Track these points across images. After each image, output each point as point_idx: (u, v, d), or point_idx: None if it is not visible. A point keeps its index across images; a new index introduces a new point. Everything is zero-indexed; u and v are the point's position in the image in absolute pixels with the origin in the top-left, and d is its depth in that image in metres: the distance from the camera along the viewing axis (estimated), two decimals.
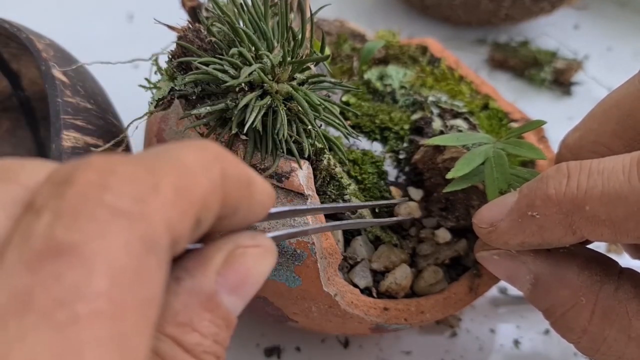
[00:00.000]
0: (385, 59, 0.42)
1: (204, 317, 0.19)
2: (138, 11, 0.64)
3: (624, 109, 0.30)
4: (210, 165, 0.18)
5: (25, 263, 0.14)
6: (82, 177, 0.16)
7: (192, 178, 0.18)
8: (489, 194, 0.31)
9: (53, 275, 0.14)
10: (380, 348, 0.41)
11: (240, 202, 0.20)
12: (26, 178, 0.17)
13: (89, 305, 0.14)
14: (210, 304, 0.20)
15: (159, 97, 0.31)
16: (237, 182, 0.20)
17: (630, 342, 0.27)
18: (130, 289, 0.15)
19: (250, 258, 0.21)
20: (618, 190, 0.24)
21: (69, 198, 0.15)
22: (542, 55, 0.59)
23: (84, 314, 0.14)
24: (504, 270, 0.31)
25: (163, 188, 0.17)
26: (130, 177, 0.16)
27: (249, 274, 0.21)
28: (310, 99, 0.30)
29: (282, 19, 0.31)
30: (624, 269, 0.29)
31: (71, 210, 0.15)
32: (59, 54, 0.36)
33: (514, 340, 0.41)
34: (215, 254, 0.20)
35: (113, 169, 0.16)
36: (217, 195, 0.19)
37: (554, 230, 0.26)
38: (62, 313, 0.14)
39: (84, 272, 0.14)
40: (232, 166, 0.20)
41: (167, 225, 0.16)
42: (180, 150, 0.18)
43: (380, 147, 0.37)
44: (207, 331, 0.19)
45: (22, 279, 0.14)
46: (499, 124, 0.39)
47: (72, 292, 0.14)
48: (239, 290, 0.21)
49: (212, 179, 0.18)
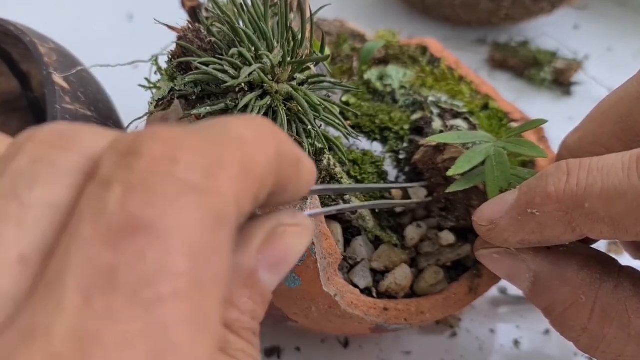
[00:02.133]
0: (385, 59, 0.42)
1: (244, 294, 0.20)
2: (138, 11, 0.64)
3: (623, 110, 0.30)
4: (268, 142, 0.18)
5: (103, 239, 0.14)
6: (150, 148, 0.15)
7: (253, 154, 0.18)
8: (489, 193, 0.31)
9: (136, 254, 0.14)
10: (380, 348, 0.41)
11: (290, 180, 0.20)
12: (85, 146, 0.17)
13: (171, 284, 0.14)
14: (250, 281, 0.20)
15: (158, 97, 0.31)
16: (289, 161, 0.20)
17: (630, 340, 0.27)
18: (206, 265, 0.15)
19: (291, 237, 0.21)
20: (617, 187, 0.24)
21: (139, 171, 0.15)
22: (542, 55, 0.59)
23: (168, 293, 0.14)
24: (504, 269, 0.31)
25: (229, 163, 0.16)
26: (199, 150, 0.16)
27: (288, 252, 0.21)
28: (310, 99, 0.30)
29: (282, 19, 0.31)
30: (624, 267, 0.29)
31: (143, 183, 0.15)
32: (62, 59, 0.36)
33: (514, 341, 0.41)
34: (258, 231, 0.21)
35: (181, 141, 0.16)
36: (273, 173, 0.19)
37: (554, 228, 0.26)
38: (149, 292, 0.14)
39: (164, 249, 0.14)
40: (286, 144, 0.19)
41: (235, 200, 0.16)
42: (238, 126, 0.18)
43: (380, 147, 0.37)
44: (245, 308, 0.20)
45: (104, 256, 0.14)
46: (499, 124, 0.39)
47: (156, 270, 0.14)
48: (277, 267, 0.21)
49: (269, 156, 0.18)
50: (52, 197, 0.16)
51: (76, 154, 0.17)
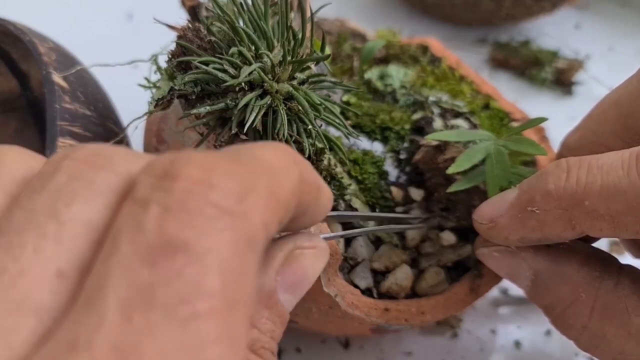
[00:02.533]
0: (386, 58, 0.42)
1: (263, 314, 0.20)
2: (138, 10, 0.63)
3: (623, 109, 0.30)
4: (291, 168, 0.19)
5: (142, 257, 0.15)
6: (187, 172, 0.16)
7: (280, 181, 0.18)
8: (489, 191, 0.31)
9: (173, 272, 0.15)
10: (380, 349, 0.40)
11: (310, 205, 0.21)
12: (121, 166, 0.17)
13: (207, 303, 0.15)
14: (269, 302, 0.21)
15: (158, 96, 0.31)
16: (309, 187, 0.20)
17: (630, 338, 0.27)
18: (237, 286, 0.16)
19: (308, 259, 0.22)
20: (617, 184, 0.24)
21: (176, 193, 0.16)
22: (543, 55, 0.59)
23: (204, 311, 0.14)
24: (504, 267, 0.31)
25: (259, 188, 0.17)
26: (232, 176, 0.16)
27: (306, 274, 0.22)
28: (311, 98, 0.30)
29: (282, 18, 0.30)
30: (624, 265, 0.29)
31: (180, 205, 0.15)
32: (61, 58, 0.35)
33: (514, 341, 0.41)
34: (277, 254, 0.22)
35: (215, 166, 0.16)
36: (295, 198, 0.19)
37: (554, 225, 0.26)
38: (185, 309, 0.14)
39: (200, 269, 0.15)
40: (307, 172, 0.20)
41: (264, 225, 0.17)
42: (263, 152, 0.19)
43: (381, 147, 0.37)
44: (265, 328, 0.20)
45: (142, 274, 0.14)
46: (499, 123, 0.39)
47: (192, 289, 0.14)
48: (296, 288, 0.22)
49: (294, 183, 0.19)
50: (89, 214, 0.17)
51: (113, 173, 0.17)
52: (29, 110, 0.46)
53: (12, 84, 0.44)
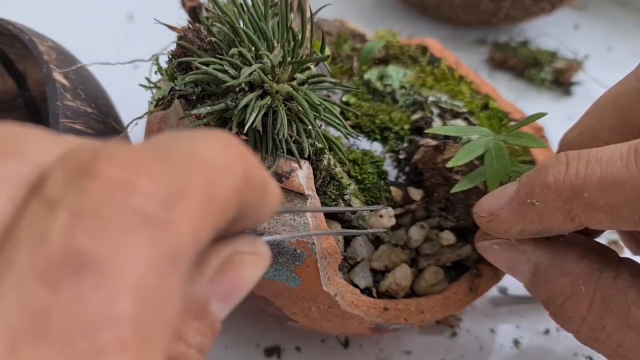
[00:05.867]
0: (385, 59, 0.42)
1: (192, 326, 0.18)
2: (138, 11, 0.64)
3: (621, 105, 0.30)
4: (234, 165, 0.17)
5: (41, 274, 0.12)
6: (107, 171, 0.14)
7: (219, 180, 0.16)
8: (489, 186, 0.31)
9: (75, 297, 0.12)
10: (380, 348, 0.41)
11: (254, 206, 0.18)
12: (34, 153, 0.15)
13: (113, 334, 0.13)
14: (200, 312, 0.18)
15: (159, 96, 0.31)
16: (255, 187, 0.18)
17: (629, 330, 0.27)
18: (154, 311, 0.13)
19: (247, 266, 0.20)
20: (615, 176, 0.24)
21: (92, 196, 0.13)
22: (542, 55, 0.59)
23: (108, 344, 0.12)
24: (504, 260, 0.31)
25: (192, 191, 0.15)
26: (160, 177, 0.14)
27: (243, 282, 0.19)
28: (311, 99, 0.30)
29: (282, 19, 0.31)
30: (623, 258, 0.29)
31: (94, 212, 0.13)
32: (61, 57, 0.36)
33: (513, 340, 0.41)
34: (212, 259, 0.19)
35: (141, 164, 0.14)
36: (237, 200, 0.17)
37: (553, 218, 0.27)
38: (85, 343, 0.12)
39: (109, 292, 0.13)
40: (253, 168, 0.18)
41: (195, 235, 0.15)
42: (205, 146, 0.16)
43: (381, 147, 0.37)
44: (193, 340, 0.18)
45: (38, 295, 0.12)
46: (499, 123, 0.39)
47: (96, 317, 0.12)
48: (230, 297, 0.19)
49: (235, 182, 0.17)
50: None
51: (23, 162, 0.15)
52: (26, 110, 0.46)
53: (9, 84, 0.44)
